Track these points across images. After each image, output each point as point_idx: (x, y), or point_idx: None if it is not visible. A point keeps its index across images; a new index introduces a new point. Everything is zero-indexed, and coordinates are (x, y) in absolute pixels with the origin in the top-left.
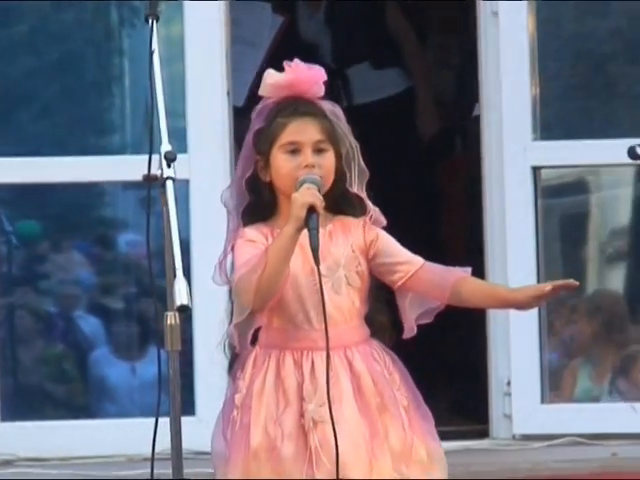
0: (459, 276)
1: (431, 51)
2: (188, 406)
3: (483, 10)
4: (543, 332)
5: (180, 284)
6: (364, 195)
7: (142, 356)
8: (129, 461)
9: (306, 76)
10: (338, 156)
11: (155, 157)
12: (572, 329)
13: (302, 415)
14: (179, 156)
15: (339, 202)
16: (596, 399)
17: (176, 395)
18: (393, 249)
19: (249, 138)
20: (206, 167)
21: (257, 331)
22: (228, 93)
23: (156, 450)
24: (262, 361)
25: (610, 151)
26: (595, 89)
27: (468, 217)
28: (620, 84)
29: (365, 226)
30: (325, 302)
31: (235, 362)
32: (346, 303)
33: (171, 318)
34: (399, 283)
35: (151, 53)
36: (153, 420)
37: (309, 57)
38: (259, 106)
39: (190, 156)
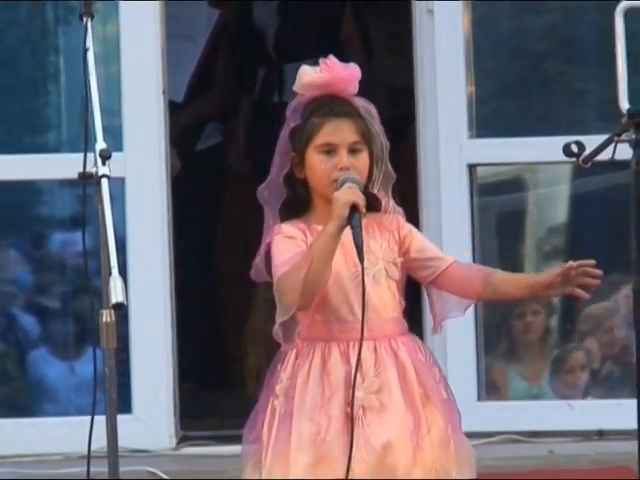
0: (487, 272)
1: (382, 38)
2: (125, 404)
3: (418, 8)
4: (479, 330)
5: (115, 282)
6: (385, 197)
7: (80, 355)
8: (66, 459)
9: (342, 76)
10: (371, 156)
11: (91, 155)
12: (506, 327)
13: (348, 403)
14: (115, 154)
15: (368, 200)
16: (532, 397)
17: (112, 393)
18: (425, 245)
19: (285, 134)
20: (142, 165)
21: None
22: (164, 92)
23: (93, 448)
24: (306, 354)
25: (546, 149)
26: (531, 87)
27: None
28: (556, 82)
29: (399, 222)
30: (368, 295)
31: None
32: (387, 294)
33: (106, 316)
34: (429, 279)
35: (85, 51)
36: (90, 418)
37: (252, 48)
38: (293, 103)
39: (126, 154)
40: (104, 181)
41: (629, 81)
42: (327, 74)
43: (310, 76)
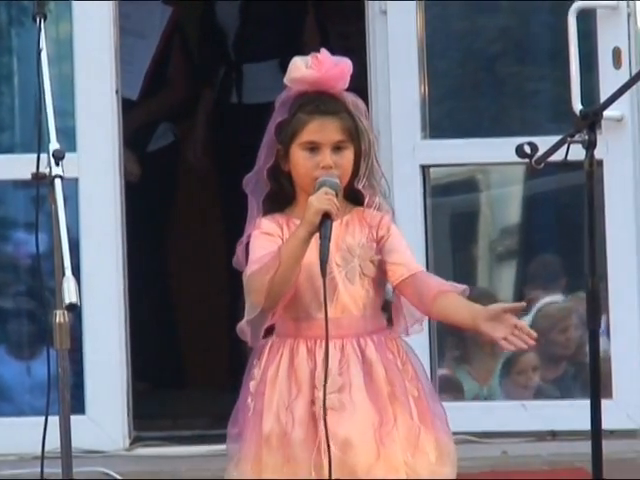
0: (443, 291)
1: (336, 38)
2: (78, 404)
3: (371, 9)
4: (432, 332)
5: (69, 282)
6: (370, 192)
7: (36, 355)
8: (20, 460)
9: (332, 73)
10: (357, 152)
11: (44, 156)
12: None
13: (313, 402)
14: (69, 155)
15: (355, 194)
16: (484, 398)
17: (65, 393)
18: (396, 249)
19: (271, 127)
20: (95, 165)
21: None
22: (117, 91)
23: (46, 449)
24: (277, 349)
25: (499, 150)
26: (484, 88)
27: None
28: (509, 83)
29: (381, 221)
30: (338, 293)
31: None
32: (360, 292)
33: (60, 316)
34: (394, 284)
35: (39, 52)
36: (44, 419)
37: (211, 47)
38: (282, 96)
39: (79, 155)
40: (57, 182)
41: (582, 82)
42: (317, 72)
43: (300, 71)
